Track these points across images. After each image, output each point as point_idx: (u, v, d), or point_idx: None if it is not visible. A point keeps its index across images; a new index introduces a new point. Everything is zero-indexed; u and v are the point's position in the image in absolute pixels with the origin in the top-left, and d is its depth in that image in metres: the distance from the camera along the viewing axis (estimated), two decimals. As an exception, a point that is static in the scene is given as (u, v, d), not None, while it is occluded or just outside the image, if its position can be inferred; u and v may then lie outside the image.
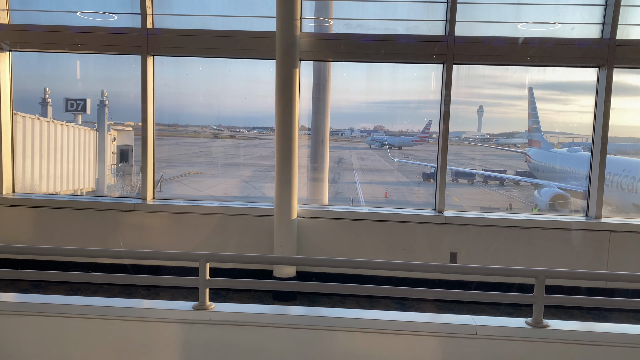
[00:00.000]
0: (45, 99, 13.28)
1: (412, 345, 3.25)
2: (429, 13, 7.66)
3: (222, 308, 3.34)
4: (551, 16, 7.73)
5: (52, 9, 7.99)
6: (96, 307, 3.40)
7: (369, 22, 7.71)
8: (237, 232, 7.57)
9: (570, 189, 15.01)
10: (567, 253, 7.27)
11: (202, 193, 17.75)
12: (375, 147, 25.75)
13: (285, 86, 6.98)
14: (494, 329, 3.25)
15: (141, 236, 7.67)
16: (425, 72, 8.64)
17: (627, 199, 12.79)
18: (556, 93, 18.03)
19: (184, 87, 10.09)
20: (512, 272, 4.93)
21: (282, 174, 7.12)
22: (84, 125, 13.87)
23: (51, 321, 3.32)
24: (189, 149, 23.60)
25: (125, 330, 3.32)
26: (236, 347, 3.31)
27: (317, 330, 3.28)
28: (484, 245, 7.36)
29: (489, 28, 7.56)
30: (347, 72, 8.98)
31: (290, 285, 6.36)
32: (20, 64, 8.08)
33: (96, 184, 13.99)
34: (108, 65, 10.36)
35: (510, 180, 21.10)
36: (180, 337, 3.31)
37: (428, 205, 7.85)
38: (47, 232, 7.75)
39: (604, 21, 7.28)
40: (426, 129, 21.89)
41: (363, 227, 7.50)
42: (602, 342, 3.21)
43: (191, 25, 7.77)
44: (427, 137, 22.50)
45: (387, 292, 4.46)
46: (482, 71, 8.96)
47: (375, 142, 25.46)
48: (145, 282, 6.30)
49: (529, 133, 20.17)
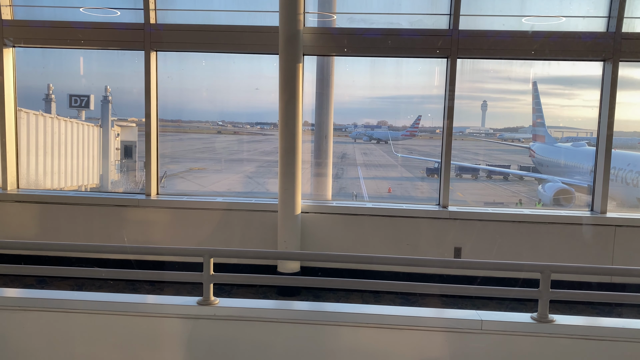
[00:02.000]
0: (48, 95, 13.31)
1: (417, 341, 3.25)
2: (433, 7, 7.61)
3: (227, 303, 3.34)
4: (556, 9, 7.67)
5: (55, 4, 7.98)
6: (100, 302, 3.40)
7: (372, 16, 7.67)
8: (240, 227, 7.57)
9: (574, 183, 14.95)
10: (572, 248, 7.24)
11: (206, 189, 17.77)
12: (362, 142, 25.76)
13: (289, 81, 6.96)
14: (499, 324, 3.24)
15: (145, 232, 7.68)
16: (429, 67, 8.60)
17: (632, 194, 12.74)
18: (560, 87, 17.96)
19: (187, 83, 10.08)
20: (517, 267, 4.90)
21: (285, 170, 7.11)
22: (88, 121, 13.90)
23: (56, 316, 3.33)
24: (192, 144, 23.60)
25: (129, 325, 3.33)
26: (240, 342, 3.31)
27: (321, 325, 3.28)
28: (488, 240, 7.34)
29: (493, 22, 7.51)
30: (351, 67, 8.95)
31: (294, 280, 6.36)
32: (23, 60, 8.09)
33: (100, 180, 14.02)
34: (111, 61, 10.35)
35: (514, 175, 21.03)
36: (184, 332, 3.32)
37: (432, 200, 7.82)
38: (51, 228, 7.77)
39: (609, 14, 7.21)
40: (415, 123, 22.14)
41: (367, 222, 7.48)
42: (607, 337, 3.20)
43: (194, 21, 7.75)
44: (416, 131, 22.72)
45: (391, 287, 4.46)
46: (486, 65, 8.91)
47: (363, 137, 25.46)
48: (150, 277, 6.32)
49: (533, 128, 20.09)
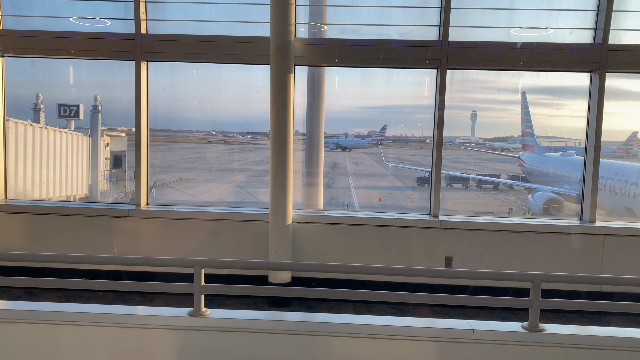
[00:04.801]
0: (37, 104, 13.22)
1: (408, 351, 3.24)
2: (422, 18, 7.69)
3: (218, 314, 3.32)
4: (544, 21, 7.78)
5: (45, 14, 7.96)
6: (90, 314, 3.37)
7: (363, 27, 7.73)
8: (231, 237, 7.54)
9: (563, 193, 15.09)
10: (562, 257, 7.29)
11: (196, 198, 17.69)
12: (329, 149, 26.32)
13: (280, 91, 6.98)
14: (491, 333, 3.25)
15: (135, 242, 7.61)
16: (419, 77, 8.67)
17: (620, 203, 12.88)
18: (549, 98, 18.16)
19: (178, 93, 10.07)
20: (508, 277, 4.92)
21: (276, 179, 7.10)
22: (77, 131, 13.81)
23: (45, 328, 3.29)
24: (182, 154, 23.53)
25: (119, 337, 3.29)
26: (232, 353, 3.28)
27: (312, 336, 3.27)
28: (479, 250, 7.36)
29: (482, 33, 7.60)
30: (342, 77, 9.00)
31: (285, 291, 6.33)
32: (12, 70, 8.04)
33: (89, 190, 13.91)
34: (101, 71, 10.33)
35: (504, 184, 21.18)
36: (175, 343, 3.29)
37: (423, 210, 7.85)
38: (39, 239, 7.68)
39: (596, 26, 7.33)
40: (381, 132, 22.41)
41: (358, 231, 7.49)
42: (597, 346, 3.22)
43: (185, 31, 7.76)
44: (383, 139, 23.25)
45: (383, 297, 4.47)
46: (475, 76, 8.99)
47: (329, 145, 25.96)
48: (140, 288, 6.25)
49: (522, 137, 20.28)
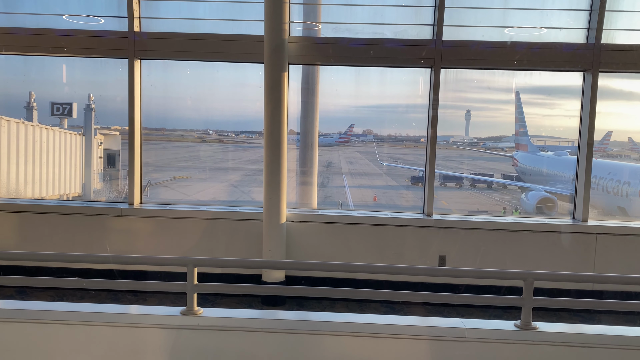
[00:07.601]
0: (30, 102, 13.12)
1: (401, 349, 3.25)
2: (416, 17, 7.70)
3: (211, 313, 3.32)
4: (537, 21, 7.81)
5: (37, 11, 7.90)
6: (82, 313, 3.35)
7: (357, 26, 7.73)
8: (225, 236, 7.52)
9: (557, 192, 15.16)
10: (555, 255, 7.32)
11: (190, 197, 17.63)
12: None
13: (274, 90, 6.97)
14: (483, 331, 3.26)
15: (128, 241, 7.58)
16: (413, 76, 8.68)
17: (613, 202, 12.96)
18: (542, 97, 18.23)
19: (172, 91, 10.02)
20: (501, 275, 4.95)
21: (270, 178, 7.09)
22: (70, 129, 13.73)
23: (36, 328, 3.27)
24: (176, 153, 23.44)
25: (112, 336, 3.28)
26: (225, 352, 3.28)
27: (306, 334, 3.27)
28: (472, 248, 7.38)
29: (476, 32, 7.61)
30: (336, 76, 8.99)
31: (279, 289, 6.33)
32: (5, 68, 7.99)
33: (82, 188, 13.84)
34: (94, 69, 10.26)
35: (498, 183, 21.25)
36: (168, 342, 3.28)
37: (417, 209, 7.86)
38: (32, 238, 7.64)
39: (589, 26, 7.36)
40: (348, 131, 22.53)
41: (352, 230, 7.49)
42: (590, 344, 3.23)
43: (179, 29, 7.73)
44: (350, 138, 23.54)
45: (376, 295, 4.47)
46: (469, 75, 9.01)
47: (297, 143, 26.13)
48: (133, 287, 6.23)
49: (516, 137, 20.35)
